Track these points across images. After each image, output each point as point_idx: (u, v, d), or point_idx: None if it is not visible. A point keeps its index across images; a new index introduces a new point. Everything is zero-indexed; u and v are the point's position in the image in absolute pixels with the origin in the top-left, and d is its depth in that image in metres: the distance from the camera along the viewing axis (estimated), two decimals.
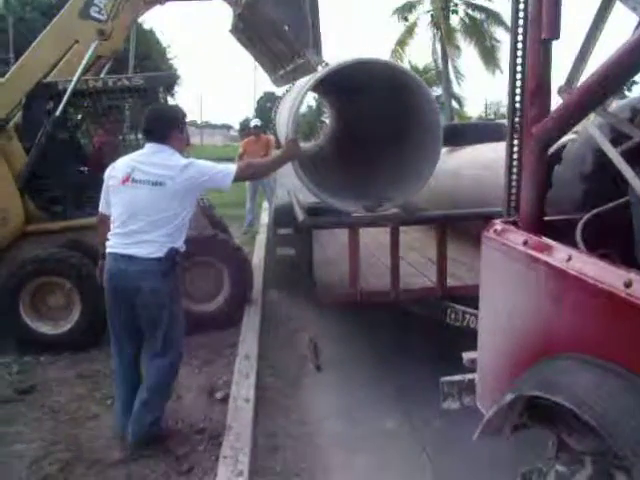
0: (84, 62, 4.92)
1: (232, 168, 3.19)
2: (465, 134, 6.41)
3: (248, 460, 2.93)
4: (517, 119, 1.93)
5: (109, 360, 3.66)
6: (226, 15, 5.43)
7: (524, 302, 1.57)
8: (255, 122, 9.73)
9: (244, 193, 10.10)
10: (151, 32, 29.33)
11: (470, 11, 26.38)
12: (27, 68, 5.02)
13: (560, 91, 1.98)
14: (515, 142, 1.98)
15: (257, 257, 7.67)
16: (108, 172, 3.17)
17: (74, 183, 5.31)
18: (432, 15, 26.73)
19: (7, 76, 5.06)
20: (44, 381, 4.17)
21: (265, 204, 10.68)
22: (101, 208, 3.24)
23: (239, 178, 3.23)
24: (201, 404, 3.71)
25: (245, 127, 9.97)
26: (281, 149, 3.50)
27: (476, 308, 2.06)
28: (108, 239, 3.12)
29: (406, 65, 30.40)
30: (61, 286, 4.90)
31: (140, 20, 5.92)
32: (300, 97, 3.51)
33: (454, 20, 26.69)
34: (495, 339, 1.85)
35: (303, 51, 4.39)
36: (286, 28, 4.43)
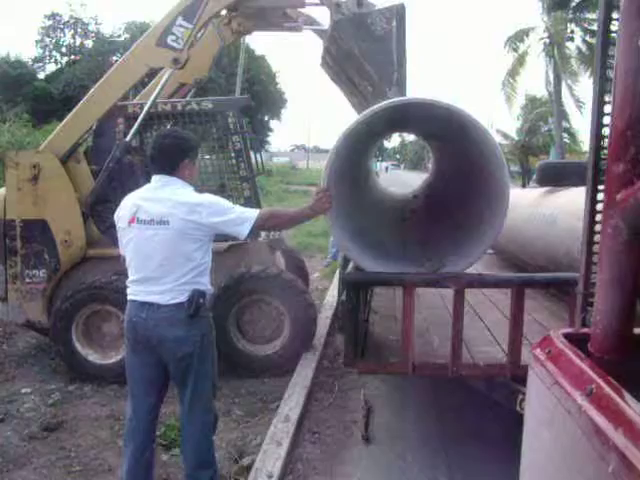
0: (157, 89, 4.86)
1: (252, 215, 2.79)
2: (567, 174, 5.69)
3: None
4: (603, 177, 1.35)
5: None
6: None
7: None
8: None
9: None
10: (262, 58, 30.30)
11: (588, 38, 24.72)
12: (102, 93, 5.00)
13: None
14: (598, 207, 1.42)
15: (331, 295, 7.20)
16: (117, 212, 2.89)
17: None
18: (545, 43, 25.43)
19: (83, 101, 5.07)
20: (74, 418, 4.02)
21: None
22: (121, 250, 2.95)
23: (259, 227, 2.86)
24: (224, 470, 3.31)
25: None
26: (310, 201, 3.06)
27: None
28: (128, 286, 2.86)
29: (521, 95, 29.13)
30: (115, 315, 4.78)
31: (253, 46, 5.82)
32: (341, 140, 3.04)
33: (570, 47, 25.24)
34: None
35: (385, 91, 4.04)
36: (368, 66, 4.11)
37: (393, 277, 3.13)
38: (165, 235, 2.68)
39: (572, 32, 25.29)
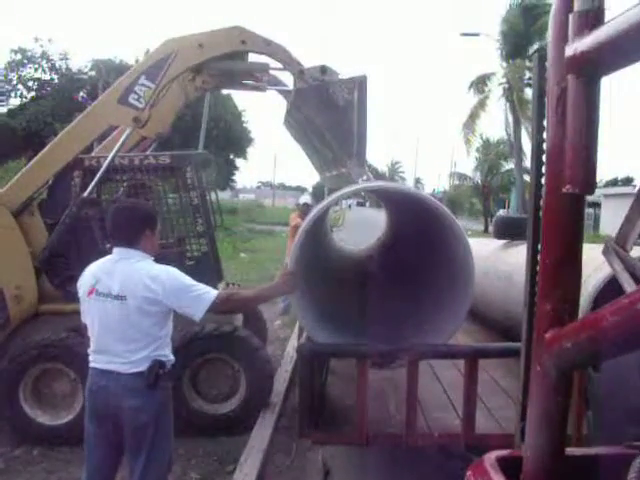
0: (117, 145, 4.83)
1: (209, 297, 2.74)
2: (524, 228, 5.82)
3: None
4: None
5: None
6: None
7: None
8: (305, 200, 9.36)
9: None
10: (228, 97, 30.44)
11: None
12: (60, 148, 4.95)
13: (606, 251, 1.43)
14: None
15: (292, 346, 6.99)
16: (79, 280, 2.89)
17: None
18: (504, 88, 26.39)
19: (39, 156, 5.00)
20: None
21: None
22: (82, 317, 2.94)
23: (216, 309, 2.81)
24: None
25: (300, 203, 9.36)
26: (275, 282, 3.06)
27: None
28: (88, 353, 2.85)
29: (477, 138, 30.01)
30: (65, 374, 4.63)
31: None
32: (311, 221, 3.09)
33: (527, 93, 26.17)
34: None
35: (345, 161, 4.09)
36: (329, 135, 4.17)
37: (347, 349, 3.12)
38: (122, 310, 2.68)
39: (529, 78, 26.32)
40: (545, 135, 1.20)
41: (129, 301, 2.67)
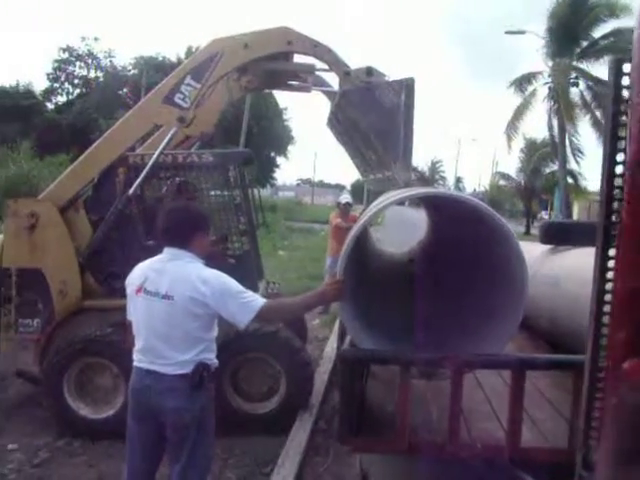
0: (163, 143, 4.85)
1: (257, 304, 2.70)
2: (572, 234, 5.60)
3: None
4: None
5: None
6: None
7: None
8: (346, 199, 9.34)
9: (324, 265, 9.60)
10: (269, 95, 30.61)
11: (592, 84, 24.96)
12: (106, 146, 5.02)
13: None
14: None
15: (330, 347, 6.96)
16: (128, 278, 2.90)
17: (140, 259, 5.17)
18: (550, 87, 25.69)
19: (85, 154, 5.09)
20: None
21: None
22: (128, 315, 2.95)
23: (262, 318, 2.79)
24: None
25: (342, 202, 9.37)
26: (322, 288, 3.01)
27: None
28: (134, 352, 2.86)
29: (520, 139, 29.32)
30: (108, 369, 4.70)
31: None
32: (361, 227, 3.04)
33: (573, 93, 25.45)
34: None
35: (390, 165, 4.02)
36: (374, 137, 4.11)
37: (391, 356, 3.05)
38: (168, 310, 2.68)
39: (576, 78, 25.58)
40: (625, 144, 1.12)
41: (176, 302, 2.66)
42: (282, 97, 36.77)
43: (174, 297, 2.66)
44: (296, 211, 35.90)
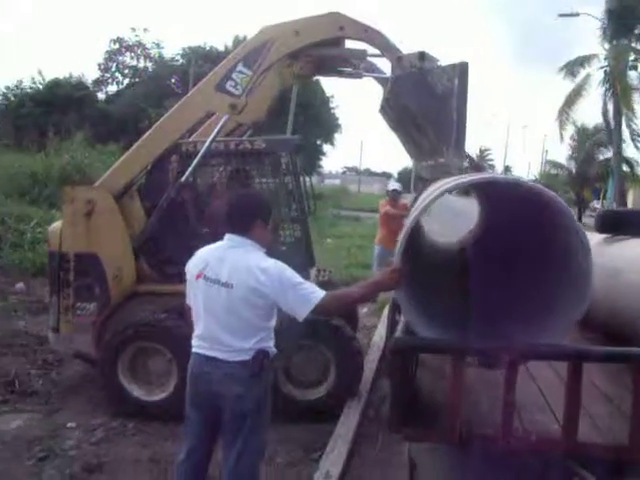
0: (215, 131, 4.89)
1: (316, 296, 2.67)
2: (632, 223, 5.39)
3: None
4: None
5: None
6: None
7: None
8: (394, 186, 9.27)
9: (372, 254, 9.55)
10: (316, 83, 30.54)
11: None
12: (159, 134, 5.10)
13: None
14: None
15: (379, 335, 6.88)
16: (189, 263, 2.93)
17: (192, 246, 5.26)
18: (605, 71, 24.66)
19: (139, 142, 5.19)
20: (115, 459, 4.05)
21: None
22: (187, 300, 2.99)
23: (321, 311, 2.74)
24: None
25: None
26: (380, 277, 2.98)
27: None
28: (193, 338, 2.90)
29: (571, 126, 28.32)
30: (162, 353, 4.82)
31: None
32: (418, 217, 3.00)
33: (632, 76, 24.36)
34: None
35: (443, 151, 3.96)
36: (426, 124, 4.05)
37: (444, 345, 3.01)
38: (227, 297, 2.69)
39: (636, 60, 24.49)
40: None
41: (235, 290, 2.66)
42: (329, 85, 36.68)
43: (233, 285, 2.67)
44: (342, 199, 35.73)
